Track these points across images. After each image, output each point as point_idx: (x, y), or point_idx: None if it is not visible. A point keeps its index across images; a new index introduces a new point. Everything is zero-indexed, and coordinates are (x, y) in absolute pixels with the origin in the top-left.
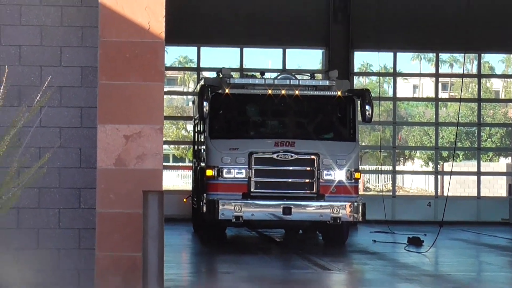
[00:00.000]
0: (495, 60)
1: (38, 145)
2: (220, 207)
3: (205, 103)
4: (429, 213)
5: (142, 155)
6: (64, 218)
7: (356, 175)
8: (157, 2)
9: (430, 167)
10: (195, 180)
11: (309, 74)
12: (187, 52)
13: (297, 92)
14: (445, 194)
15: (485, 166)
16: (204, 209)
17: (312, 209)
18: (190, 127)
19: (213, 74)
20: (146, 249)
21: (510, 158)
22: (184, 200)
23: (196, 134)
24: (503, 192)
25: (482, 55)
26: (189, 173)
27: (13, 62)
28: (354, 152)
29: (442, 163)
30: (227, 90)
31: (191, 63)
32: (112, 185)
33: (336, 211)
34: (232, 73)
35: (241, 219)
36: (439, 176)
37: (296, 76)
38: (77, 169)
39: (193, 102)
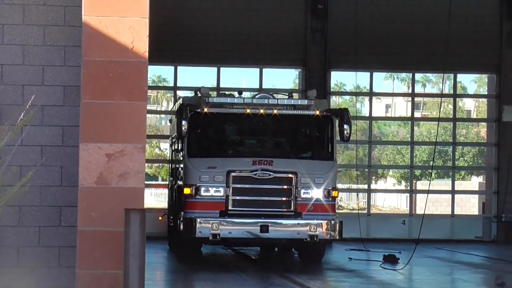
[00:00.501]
0: (467, 80)
1: (20, 163)
2: (198, 225)
3: (184, 122)
4: (403, 231)
5: (124, 174)
6: (44, 236)
7: (334, 193)
8: (141, 22)
9: (403, 186)
10: (171, 198)
11: (287, 94)
12: (161, 71)
13: (275, 111)
14: (418, 212)
15: (458, 185)
16: (182, 227)
17: (289, 227)
18: (163, 145)
19: (189, 93)
20: (127, 267)
21: (482, 176)
22: (160, 218)
23: (173, 152)
24: (475, 211)
25: (457, 75)
26: (162, 191)
27: None
28: (332, 171)
29: (415, 181)
30: (205, 109)
31: (164, 82)
32: (94, 203)
33: (313, 229)
34: (209, 92)
35: (218, 237)
36: (414, 195)
37: (274, 95)
38: (58, 187)
39: (170, 121)
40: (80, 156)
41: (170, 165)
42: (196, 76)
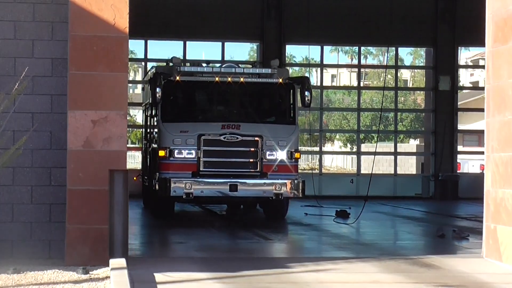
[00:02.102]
0: (403, 53)
1: (13, 129)
2: (172, 184)
3: (157, 89)
4: (352, 188)
5: (108, 138)
6: (36, 194)
7: (296, 155)
8: (122, 0)
9: (348, 148)
10: (145, 160)
11: (250, 65)
12: (131, 45)
13: (242, 79)
14: (363, 172)
15: (398, 147)
16: (157, 186)
17: (256, 187)
18: (133, 112)
19: (157, 65)
20: (112, 222)
21: (419, 139)
22: (134, 178)
23: (147, 118)
24: (413, 170)
25: (398, 48)
26: (135, 153)
27: None
28: (294, 134)
29: (360, 144)
30: (177, 78)
31: (132, 54)
32: (81, 164)
33: (278, 188)
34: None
35: (191, 196)
36: (361, 156)
37: (239, 65)
38: (48, 150)
39: (143, 89)
40: (68, 122)
41: (144, 129)
42: (164, 50)
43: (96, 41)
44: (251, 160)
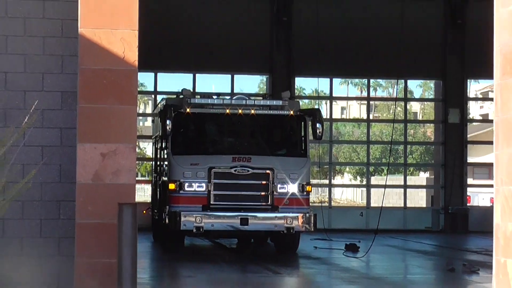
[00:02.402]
0: (413, 85)
1: (22, 162)
2: (182, 218)
3: (168, 121)
4: (361, 222)
5: (117, 171)
6: (45, 228)
7: (308, 188)
8: (131, 33)
9: (358, 181)
10: (155, 193)
11: (261, 97)
12: (140, 77)
13: (253, 111)
14: (373, 205)
15: (408, 180)
16: (167, 220)
17: (267, 220)
18: (142, 144)
19: (167, 97)
20: (121, 256)
21: (428, 172)
22: (144, 211)
23: (157, 150)
24: (423, 203)
25: (407, 81)
26: (144, 186)
27: None
28: (305, 167)
29: (369, 177)
30: (188, 109)
31: (142, 86)
32: (90, 198)
33: (290, 221)
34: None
35: (201, 229)
36: (370, 189)
37: (249, 97)
38: (57, 184)
39: (153, 121)
40: (77, 155)
41: (154, 162)
42: (174, 82)
43: (106, 74)
44: (262, 193)
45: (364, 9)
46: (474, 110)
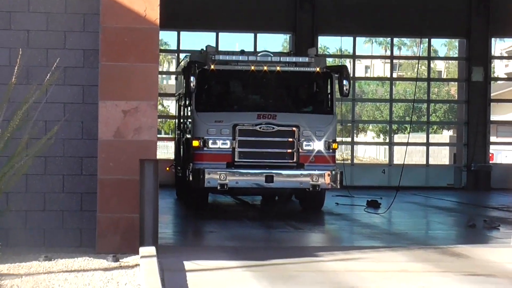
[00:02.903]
0: (438, 44)
1: (45, 119)
2: (206, 175)
3: (192, 78)
4: (383, 179)
5: (138, 128)
6: (67, 184)
7: (334, 145)
8: None
9: (381, 139)
10: (178, 150)
11: (286, 55)
12: (163, 36)
13: (278, 68)
14: (395, 162)
15: (431, 138)
16: (191, 177)
17: (292, 178)
18: (166, 102)
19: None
20: (142, 211)
21: (452, 130)
22: (167, 168)
23: (180, 108)
24: (446, 161)
25: (431, 39)
26: (166, 143)
27: (22, 45)
28: (331, 124)
29: (392, 135)
30: (212, 66)
31: (166, 45)
32: (112, 154)
33: (315, 179)
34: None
35: (226, 187)
36: (393, 147)
37: (275, 54)
38: (79, 140)
39: (176, 78)
40: (99, 112)
41: (177, 120)
42: (197, 41)
43: (127, 32)
44: (288, 150)
45: None
46: (499, 68)
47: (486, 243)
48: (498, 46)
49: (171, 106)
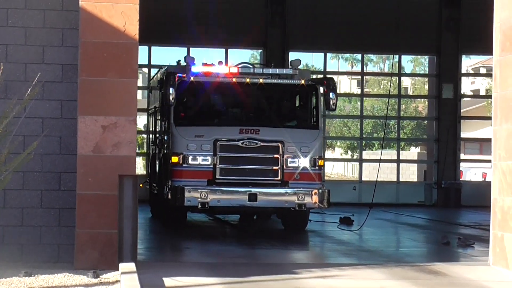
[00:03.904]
0: (404, 60)
1: (23, 133)
2: (186, 193)
3: (171, 90)
4: (354, 196)
5: (117, 143)
6: (45, 199)
7: (320, 162)
8: (132, 7)
9: (349, 155)
10: (153, 166)
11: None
12: None
13: (261, 80)
14: (364, 179)
15: (400, 155)
16: (169, 195)
17: (277, 196)
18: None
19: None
20: (121, 227)
21: (419, 147)
22: (141, 185)
23: (156, 122)
24: (414, 178)
25: (401, 56)
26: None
27: (0, 60)
28: (317, 139)
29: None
30: (192, 78)
31: None
32: (91, 169)
33: (301, 198)
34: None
35: (207, 206)
36: (362, 163)
37: (255, 65)
38: (57, 155)
39: (150, 91)
40: (78, 127)
41: (153, 134)
42: (167, 56)
43: (107, 47)
44: (272, 167)
45: None
46: (466, 85)
47: (462, 261)
48: (464, 63)
49: (139, 121)
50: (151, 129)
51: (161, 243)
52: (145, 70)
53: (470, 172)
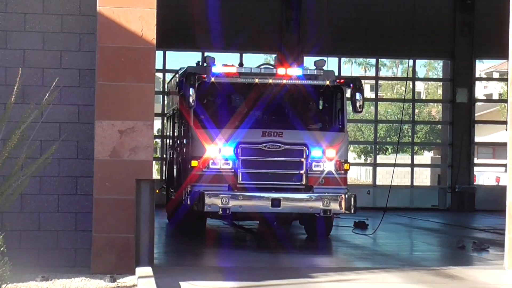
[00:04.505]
0: (418, 65)
1: (40, 138)
2: (207, 199)
3: (191, 91)
4: (368, 200)
5: (135, 148)
6: (62, 203)
7: (346, 166)
8: (149, 12)
9: (362, 160)
10: (171, 171)
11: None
12: None
13: (285, 81)
14: (377, 183)
15: (414, 159)
16: (189, 201)
17: (302, 202)
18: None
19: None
20: (138, 231)
21: (433, 151)
22: (157, 191)
23: (175, 125)
24: (427, 182)
25: (416, 61)
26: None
27: (18, 65)
28: (343, 142)
29: (372, 156)
30: (212, 79)
31: None
32: (108, 174)
33: (327, 203)
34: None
35: (228, 211)
36: (376, 168)
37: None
38: (74, 160)
39: (168, 95)
40: (95, 132)
41: (171, 139)
42: (182, 61)
43: (124, 52)
44: (295, 171)
45: None
46: (479, 90)
47: (477, 265)
48: (477, 67)
49: (154, 125)
50: (168, 133)
51: (178, 247)
52: (160, 75)
53: (483, 176)
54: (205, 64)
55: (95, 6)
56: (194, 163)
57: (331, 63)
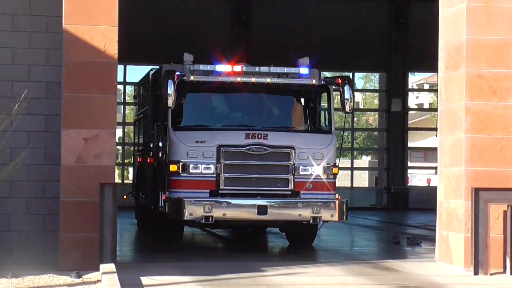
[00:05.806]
0: (356, 77)
1: (10, 146)
2: (187, 206)
3: (170, 90)
4: None
5: (98, 154)
6: (31, 206)
7: (334, 170)
8: (111, 29)
9: None
10: (142, 176)
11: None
12: None
13: (269, 79)
14: None
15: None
16: (167, 208)
17: (289, 209)
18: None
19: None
20: (102, 231)
21: (370, 156)
22: (125, 197)
23: (145, 128)
24: (366, 183)
25: (355, 74)
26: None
27: None
28: (331, 145)
29: None
30: (192, 77)
31: None
32: (74, 178)
33: (317, 210)
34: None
35: (211, 219)
36: None
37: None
38: (42, 166)
39: (135, 97)
40: (62, 139)
41: (139, 143)
42: (141, 74)
43: (88, 66)
44: (281, 176)
45: (317, 9)
46: (411, 100)
47: (412, 258)
48: (410, 80)
49: (117, 134)
50: (138, 137)
51: (142, 246)
52: (121, 87)
53: (416, 178)
54: (184, 63)
55: (61, 24)
56: (172, 167)
57: None
